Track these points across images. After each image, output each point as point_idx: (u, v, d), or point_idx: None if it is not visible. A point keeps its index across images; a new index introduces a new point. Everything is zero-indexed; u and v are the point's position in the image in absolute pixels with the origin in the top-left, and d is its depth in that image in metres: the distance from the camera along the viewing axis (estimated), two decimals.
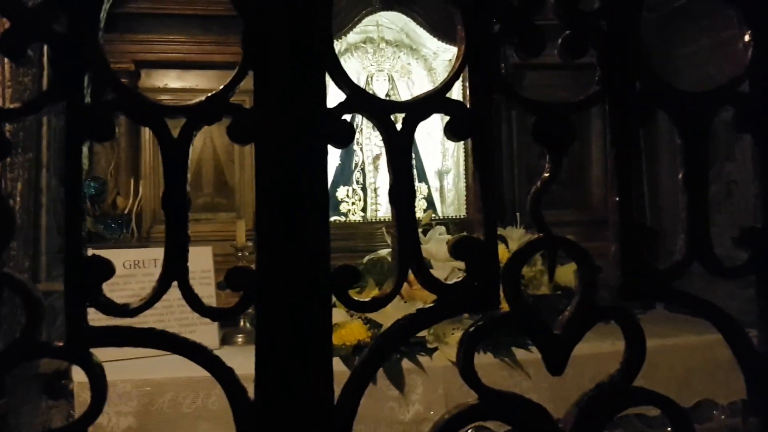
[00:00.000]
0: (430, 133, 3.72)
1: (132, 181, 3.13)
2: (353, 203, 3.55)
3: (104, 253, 0.69)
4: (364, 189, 3.58)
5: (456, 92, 3.07)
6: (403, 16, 3.46)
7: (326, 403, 0.68)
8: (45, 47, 1.85)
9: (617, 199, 0.77)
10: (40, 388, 2.26)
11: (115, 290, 2.59)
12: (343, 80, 0.72)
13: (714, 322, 0.79)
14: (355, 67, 3.74)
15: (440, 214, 3.63)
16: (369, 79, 3.68)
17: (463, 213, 3.38)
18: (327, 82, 0.72)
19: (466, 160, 3.43)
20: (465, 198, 3.39)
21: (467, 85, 0.75)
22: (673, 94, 0.78)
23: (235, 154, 3.43)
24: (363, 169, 3.60)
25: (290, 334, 0.69)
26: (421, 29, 3.46)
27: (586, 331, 0.75)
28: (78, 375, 2.21)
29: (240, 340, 2.66)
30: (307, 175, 0.70)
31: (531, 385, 2.36)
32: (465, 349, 0.73)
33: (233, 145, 3.44)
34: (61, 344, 0.66)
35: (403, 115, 0.74)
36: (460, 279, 0.73)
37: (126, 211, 3.04)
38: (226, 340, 2.66)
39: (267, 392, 0.68)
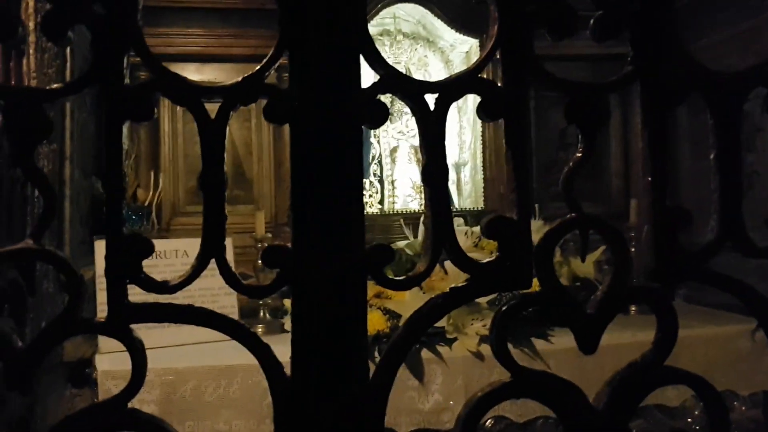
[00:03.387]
0: (447, 126, 3.72)
1: (152, 174, 3.16)
2: (370, 195, 3.56)
3: None
4: (381, 181, 3.59)
5: None
6: (420, 8, 3.46)
7: (362, 379, 0.69)
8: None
9: (649, 179, 0.77)
10: (64, 377, 2.29)
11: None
12: (378, 61, 0.73)
13: (747, 302, 0.78)
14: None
15: (457, 206, 3.63)
16: None
17: (480, 205, 3.38)
18: (361, 63, 0.73)
19: (483, 153, 3.42)
20: (483, 190, 3.39)
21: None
22: (706, 74, 0.78)
23: (253, 147, 3.45)
24: (380, 162, 3.61)
25: (325, 311, 0.69)
26: (439, 21, 3.46)
27: (618, 311, 0.75)
28: (102, 364, 2.24)
29: (260, 330, 2.68)
30: (342, 155, 0.71)
31: None
32: (498, 329, 0.74)
33: (251, 137, 3.47)
34: (102, 320, 0.68)
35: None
36: (492, 258, 0.74)
37: (146, 204, 3.07)
38: None
39: (303, 369, 0.69)
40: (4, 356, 0.66)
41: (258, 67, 0.71)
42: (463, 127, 3.63)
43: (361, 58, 0.73)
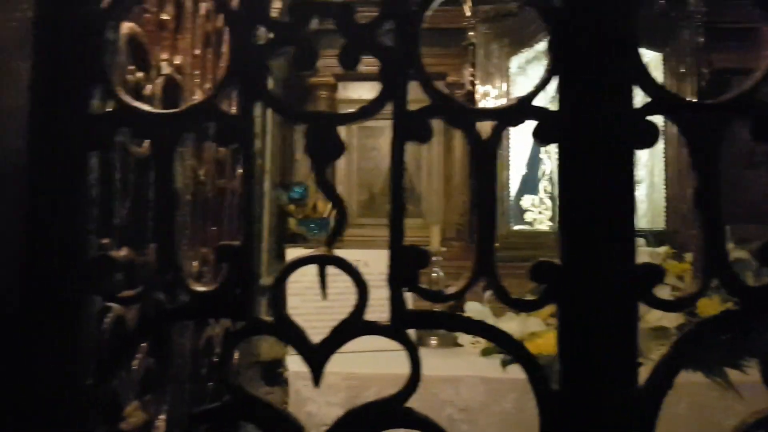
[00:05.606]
0: None
1: None
2: (540, 212, 3.53)
3: (305, 252, 0.78)
4: (552, 198, 3.54)
5: None
6: None
7: (632, 394, 0.70)
8: None
9: None
10: (259, 375, 2.46)
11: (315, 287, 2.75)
12: (648, 83, 0.73)
13: None
14: (540, 75, 3.71)
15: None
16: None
17: (660, 225, 3.24)
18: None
19: (666, 170, 3.28)
20: (664, 209, 3.25)
21: None
22: None
23: (422, 162, 3.54)
24: (551, 178, 3.56)
25: (595, 328, 0.71)
26: None
27: None
28: (292, 365, 2.38)
29: (433, 342, 2.73)
30: (612, 175, 0.72)
31: (744, 408, 2.21)
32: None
33: (420, 153, 3.56)
34: (387, 324, 0.74)
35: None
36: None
37: (325, 215, 3.24)
38: (420, 342, 2.75)
39: (572, 383, 0.71)
40: (301, 350, 0.74)
41: (529, 90, 0.75)
42: None
43: None
